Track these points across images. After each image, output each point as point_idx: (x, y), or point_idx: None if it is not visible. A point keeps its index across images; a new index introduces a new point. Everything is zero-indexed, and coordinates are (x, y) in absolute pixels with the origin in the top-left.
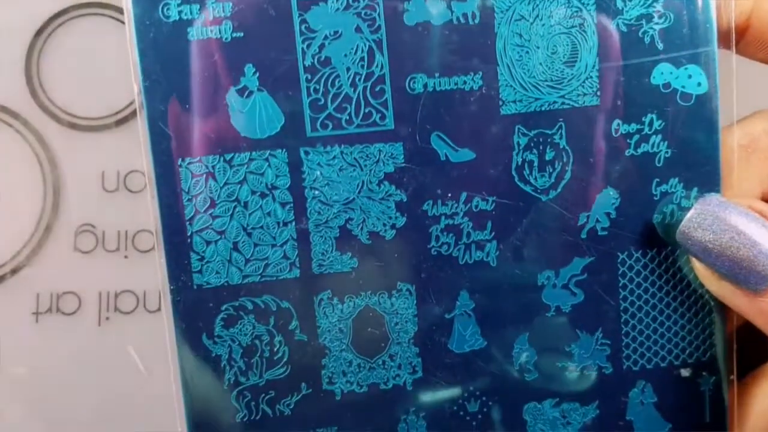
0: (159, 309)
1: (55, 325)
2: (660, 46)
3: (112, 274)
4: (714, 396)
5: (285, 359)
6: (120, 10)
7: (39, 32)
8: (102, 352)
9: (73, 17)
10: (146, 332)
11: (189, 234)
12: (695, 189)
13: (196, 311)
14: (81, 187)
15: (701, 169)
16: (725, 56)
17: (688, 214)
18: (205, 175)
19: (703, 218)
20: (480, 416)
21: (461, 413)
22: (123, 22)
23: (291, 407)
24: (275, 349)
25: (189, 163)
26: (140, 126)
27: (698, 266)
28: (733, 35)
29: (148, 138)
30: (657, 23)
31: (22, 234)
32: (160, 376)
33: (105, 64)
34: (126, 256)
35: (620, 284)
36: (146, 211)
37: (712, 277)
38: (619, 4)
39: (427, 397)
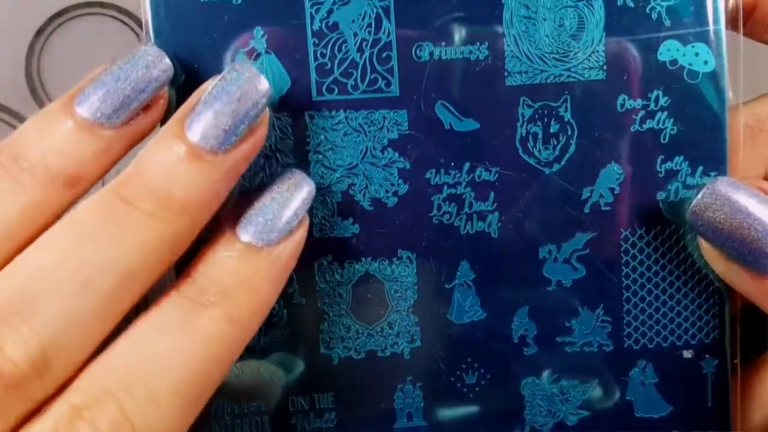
0: None
1: None
2: (667, 22)
3: None
4: (717, 380)
5: (284, 321)
6: (121, 10)
7: (39, 32)
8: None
9: (74, 17)
10: None
11: None
12: (700, 167)
13: None
14: None
15: (707, 147)
16: (732, 37)
17: (699, 194)
18: None
19: (714, 199)
20: (477, 388)
21: (458, 384)
22: (123, 22)
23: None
24: (274, 312)
25: None
26: None
27: (706, 247)
28: (741, 16)
29: None
30: (664, 0)
31: None
32: None
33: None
34: None
35: (623, 261)
36: None
37: (719, 259)
38: None
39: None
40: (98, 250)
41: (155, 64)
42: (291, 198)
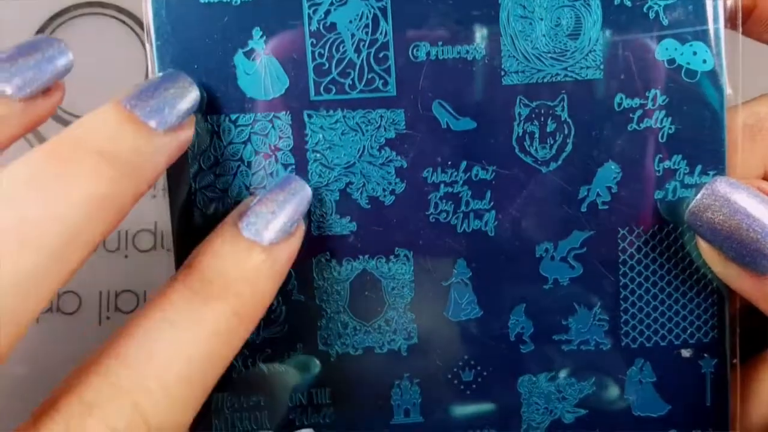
0: None
1: (56, 325)
2: (665, 21)
3: (112, 274)
4: (715, 379)
5: (282, 318)
6: (121, 10)
7: (39, 32)
8: None
9: (74, 17)
10: None
11: (193, 190)
12: (699, 166)
13: None
14: None
15: (705, 146)
16: (732, 36)
17: (698, 195)
18: (211, 133)
19: (714, 199)
20: (474, 386)
21: (455, 381)
22: (123, 22)
23: (286, 366)
24: (273, 308)
25: (195, 121)
26: None
27: (705, 247)
28: (740, 15)
29: None
30: None
31: None
32: None
33: (106, 63)
34: (126, 256)
35: (620, 260)
36: (147, 211)
37: (718, 259)
38: None
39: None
40: (39, 206)
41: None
42: (290, 202)
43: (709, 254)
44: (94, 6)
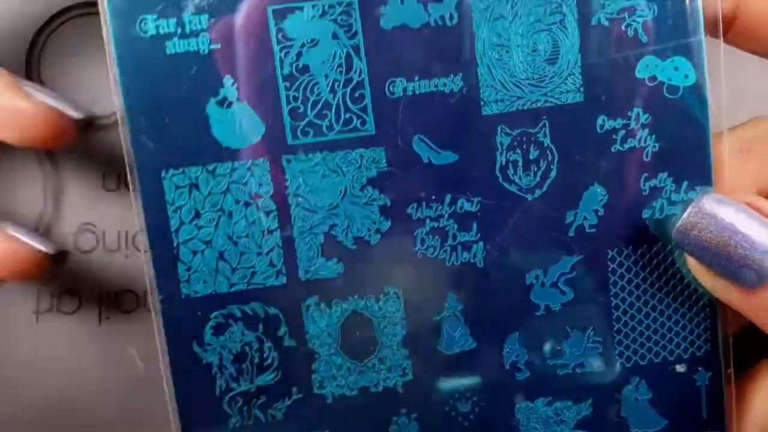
0: None
1: (55, 325)
2: (644, 38)
3: (112, 274)
4: (711, 392)
5: (275, 365)
6: None
7: (39, 31)
8: (102, 352)
9: (74, 16)
10: (147, 332)
11: (175, 245)
12: (686, 182)
13: (185, 320)
14: (82, 187)
15: (691, 162)
16: (714, 48)
17: (685, 214)
18: (188, 186)
19: (700, 217)
20: (472, 416)
21: (453, 413)
22: None
23: (283, 412)
24: (265, 355)
25: (173, 175)
26: (123, 140)
27: (693, 264)
28: (721, 25)
29: (131, 151)
30: (641, 15)
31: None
32: (161, 376)
33: (106, 63)
34: (126, 256)
35: (611, 281)
36: None
37: (707, 274)
38: None
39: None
40: None
41: None
42: None
43: (697, 270)
44: (94, 6)
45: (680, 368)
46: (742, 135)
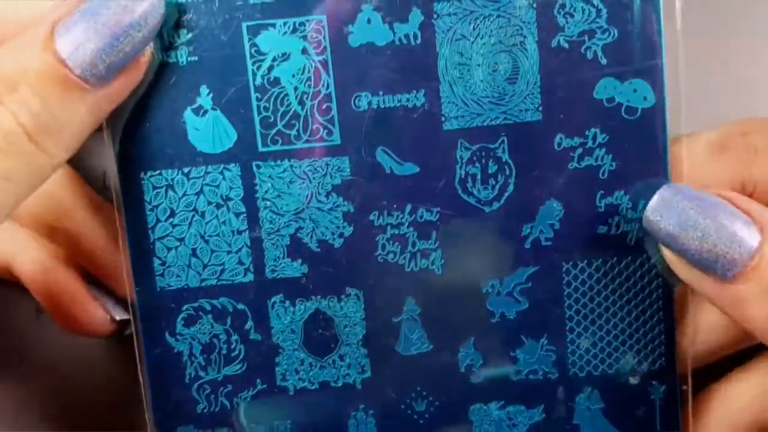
0: None
1: (56, 325)
2: (603, 61)
3: None
4: (664, 405)
5: (241, 356)
6: None
7: None
8: (102, 351)
9: None
10: None
11: (152, 241)
12: (642, 202)
13: (159, 311)
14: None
15: (648, 181)
16: (673, 70)
17: (651, 201)
18: (165, 187)
19: (667, 204)
20: (427, 415)
21: (409, 412)
22: None
23: (247, 401)
24: (232, 347)
25: (151, 176)
26: (107, 144)
27: (667, 253)
28: (681, 45)
29: (115, 154)
30: (600, 39)
31: None
32: None
33: None
34: None
35: (565, 293)
36: None
37: (681, 264)
38: (561, 22)
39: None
40: None
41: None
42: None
43: (672, 259)
44: None
45: (633, 380)
46: (718, 135)
